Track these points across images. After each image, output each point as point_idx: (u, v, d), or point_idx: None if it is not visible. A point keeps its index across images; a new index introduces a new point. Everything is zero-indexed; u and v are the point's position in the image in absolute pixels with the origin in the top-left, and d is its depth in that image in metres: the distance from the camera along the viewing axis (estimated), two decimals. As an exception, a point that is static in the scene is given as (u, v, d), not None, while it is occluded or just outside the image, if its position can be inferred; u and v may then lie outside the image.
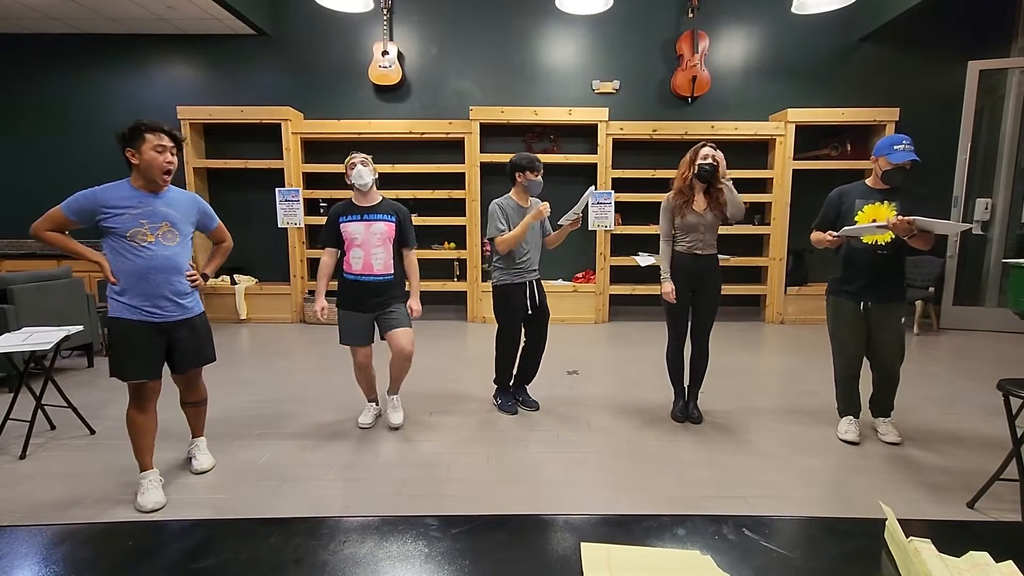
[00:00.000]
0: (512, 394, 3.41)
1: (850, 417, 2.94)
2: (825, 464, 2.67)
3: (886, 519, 0.76)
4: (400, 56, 6.09)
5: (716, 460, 2.69)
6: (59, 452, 2.77)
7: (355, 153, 2.93)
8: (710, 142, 2.97)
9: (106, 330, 4.69)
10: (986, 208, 5.69)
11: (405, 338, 2.94)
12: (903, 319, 2.81)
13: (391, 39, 6.04)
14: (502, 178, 3.39)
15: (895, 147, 2.64)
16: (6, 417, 2.86)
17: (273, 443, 2.86)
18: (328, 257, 2.99)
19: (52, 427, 3.04)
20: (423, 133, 5.93)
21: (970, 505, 2.26)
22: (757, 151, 6.13)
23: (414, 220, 3.13)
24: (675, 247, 3.06)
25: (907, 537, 0.71)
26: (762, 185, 6.07)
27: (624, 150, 6.04)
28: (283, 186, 5.94)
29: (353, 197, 2.97)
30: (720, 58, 6.10)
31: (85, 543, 0.78)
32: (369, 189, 2.92)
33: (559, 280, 6.16)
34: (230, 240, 2.64)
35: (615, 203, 5.89)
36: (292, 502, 2.30)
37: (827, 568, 0.74)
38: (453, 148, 6.01)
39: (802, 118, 5.77)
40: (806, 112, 5.78)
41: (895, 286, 2.79)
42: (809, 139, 5.95)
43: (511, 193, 3.19)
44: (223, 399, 3.38)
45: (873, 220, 2.66)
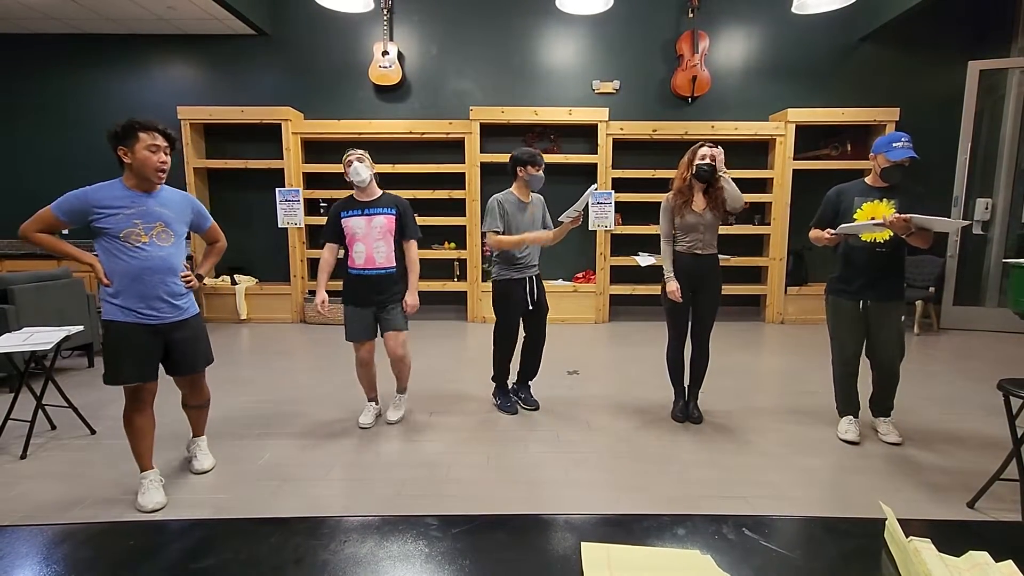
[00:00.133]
0: (514, 392, 3.41)
1: (850, 417, 2.94)
2: (825, 464, 2.67)
3: (886, 519, 0.76)
4: (400, 56, 6.09)
5: (716, 460, 2.69)
6: (59, 452, 2.78)
7: (351, 150, 2.94)
8: (708, 140, 2.98)
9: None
10: (986, 208, 5.69)
11: (394, 341, 3.00)
12: (903, 318, 2.81)
13: (391, 39, 6.04)
14: (502, 178, 3.39)
15: (894, 144, 2.64)
16: (7, 417, 2.86)
17: (273, 443, 2.86)
18: (328, 252, 3.02)
19: (53, 427, 3.04)
20: (423, 133, 5.93)
21: (970, 505, 2.26)
22: (757, 151, 6.13)
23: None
24: (675, 247, 3.06)
25: (907, 537, 0.71)
26: (762, 185, 6.07)
27: (624, 150, 6.04)
28: (283, 186, 5.94)
29: (354, 193, 2.98)
30: (720, 58, 6.10)
31: (85, 543, 0.78)
32: (368, 185, 2.92)
33: (559, 280, 6.16)
34: (224, 240, 2.60)
35: (615, 203, 5.89)
36: (292, 502, 2.31)
37: (827, 568, 0.74)
38: (453, 148, 6.01)
39: (802, 118, 5.77)
40: (806, 112, 5.78)
41: (894, 285, 2.79)
42: (809, 139, 5.95)
43: (512, 188, 3.18)
44: (223, 399, 3.37)
45: (871, 218, 2.66)
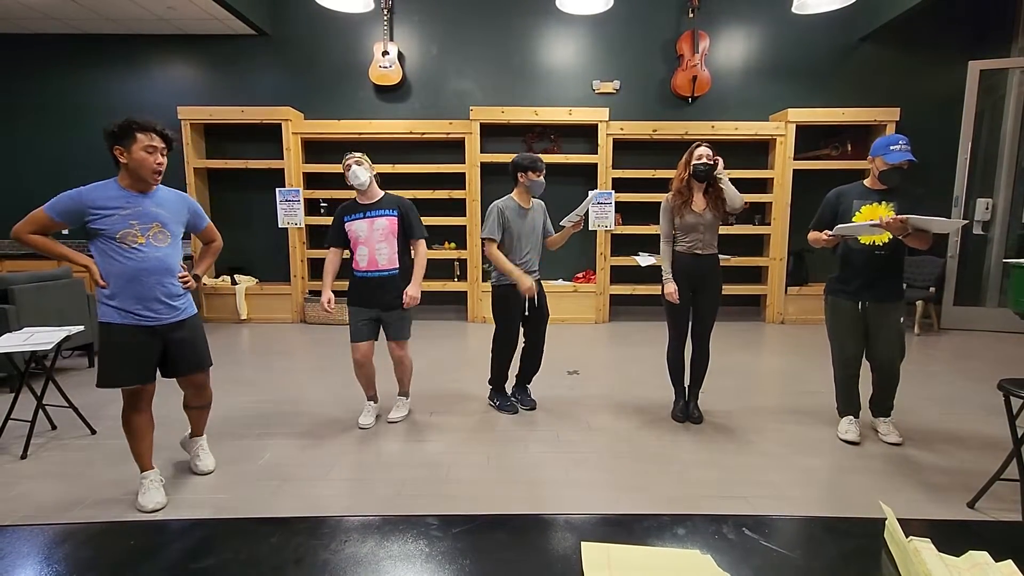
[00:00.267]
0: (511, 394, 3.41)
1: (850, 417, 2.94)
2: (825, 464, 2.67)
3: (886, 519, 0.76)
4: (400, 56, 6.09)
5: (716, 460, 2.69)
6: (60, 452, 2.78)
7: (349, 154, 2.94)
8: (705, 140, 2.98)
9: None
10: (987, 208, 5.69)
11: (397, 349, 3.07)
12: (902, 319, 2.80)
13: (391, 39, 6.04)
14: (502, 178, 3.39)
15: (891, 147, 2.64)
16: (7, 417, 2.86)
17: (273, 443, 2.86)
18: (333, 255, 3.04)
19: (53, 427, 3.04)
20: (423, 133, 5.93)
21: (970, 505, 2.26)
22: (757, 151, 6.13)
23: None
24: (675, 247, 3.06)
25: (907, 537, 0.71)
26: (762, 185, 6.07)
27: (624, 150, 6.04)
28: (283, 186, 5.94)
29: (356, 196, 2.99)
30: (720, 58, 6.10)
31: (86, 543, 0.78)
32: (368, 187, 2.93)
33: (559, 280, 6.16)
34: (220, 240, 2.57)
35: (615, 203, 5.89)
36: (292, 502, 2.31)
37: (827, 568, 0.74)
38: (453, 148, 6.01)
39: (802, 118, 5.77)
40: (806, 112, 5.78)
41: (893, 286, 2.79)
42: (809, 139, 5.95)
43: (513, 193, 3.18)
44: (223, 399, 3.37)
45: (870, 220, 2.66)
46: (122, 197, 2.10)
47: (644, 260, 5.82)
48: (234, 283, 6.02)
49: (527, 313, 3.21)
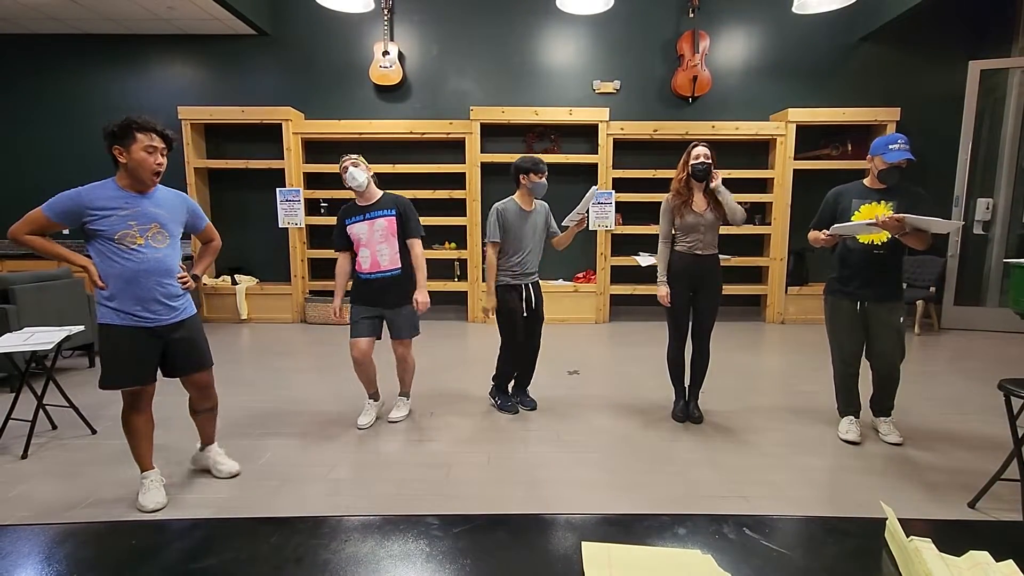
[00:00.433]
0: (510, 396, 3.40)
1: (850, 417, 2.94)
2: (825, 464, 2.67)
3: (887, 518, 0.76)
4: (401, 56, 6.09)
5: (716, 460, 2.69)
6: (60, 452, 2.78)
7: (345, 156, 2.94)
8: (703, 142, 2.98)
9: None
10: (987, 208, 5.68)
11: (400, 348, 3.09)
12: (902, 318, 2.80)
13: (392, 39, 6.04)
14: (502, 178, 3.39)
15: (890, 146, 2.63)
16: (8, 417, 2.86)
17: (274, 443, 2.87)
18: (341, 260, 3.07)
19: (53, 427, 3.04)
20: (424, 133, 5.93)
21: (971, 505, 2.26)
22: (758, 151, 6.13)
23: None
24: (676, 247, 3.06)
25: (908, 536, 0.71)
26: (763, 185, 6.07)
27: (625, 150, 6.04)
28: (284, 186, 5.94)
29: (355, 198, 2.99)
30: (721, 58, 6.10)
31: (87, 543, 0.78)
32: (366, 188, 2.92)
33: (559, 280, 6.16)
34: (219, 239, 2.55)
35: (616, 203, 5.89)
36: (293, 501, 2.31)
37: (828, 567, 0.74)
38: (454, 148, 6.01)
39: (803, 118, 5.77)
40: (807, 112, 5.78)
41: (892, 285, 2.78)
42: (810, 139, 5.94)
43: (515, 195, 3.18)
44: (224, 399, 3.32)
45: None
46: (120, 197, 2.08)
47: (644, 260, 5.80)
48: (234, 283, 6.02)
49: (524, 315, 3.21)
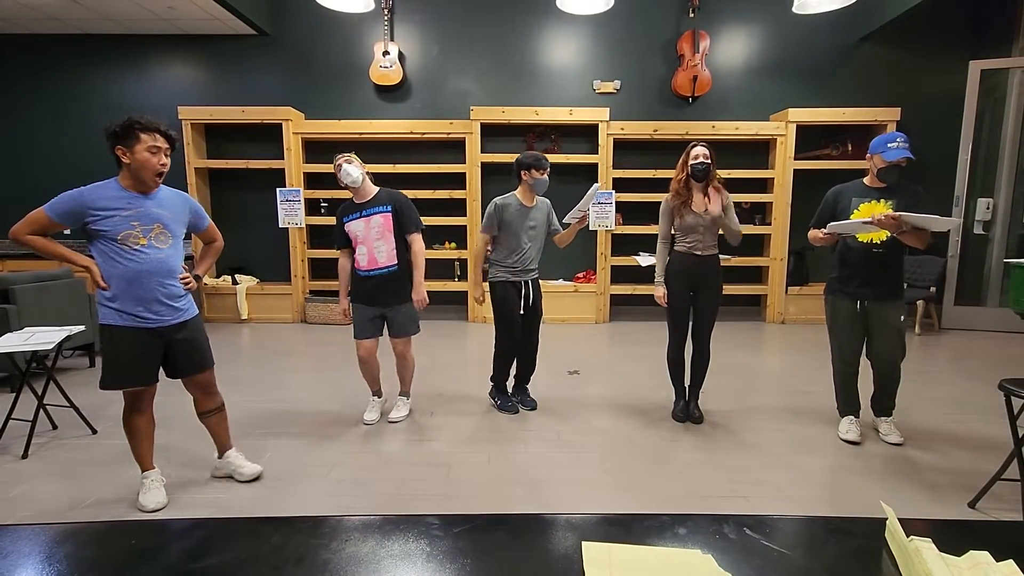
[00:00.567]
0: (511, 395, 3.40)
1: (851, 417, 2.94)
2: (826, 464, 2.67)
3: (887, 518, 0.76)
4: (401, 56, 6.09)
5: (717, 460, 2.69)
6: (61, 452, 2.78)
7: (338, 155, 2.94)
8: (702, 142, 2.98)
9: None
10: (988, 208, 5.68)
11: (401, 345, 3.08)
12: (903, 318, 2.80)
13: (392, 39, 6.04)
14: (503, 178, 3.39)
15: (889, 145, 2.63)
16: (8, 417, 2.86)
17: (274, 442, 2.87)
18: (343, 259, 3.07)
19: (54, 427, 3.04)
20: (424, 133, 5.93)
21: (971, 505, 2.26)
22: (758, 151, 6.13)
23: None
24: (675, 247, 3.07)
25: (908, 536, 0.71)
26: (763, 185, 6.07)
27: (625, 150, 6.04)
28: (284, 186, 5.94)
29: (352, 196, 2.99)
30: (721, 58, 6.10)
31: (87, 542, 0.78)
32: (361, 184, 2.92)
33: (559, 280, 6.16)
34: (221, 239, 2.54)
35: (616, 203, 5.89)
36: (293, 501, 2.31)
37: (828, 567, 0.74)
38: (454, 148, 6.01)
39: (803, 118, 5.77)
40: (807, 112, 5.78)
41: (892, 284, 2.78)
42: (810, 139, 5.94)
43: (517, 191, 3.18)
44: (224, 399, 3.37)
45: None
46: (123, 198, 2.07)
47: (644, 260, 5.79)
48: (235, 283, 6.02)
49: (522, 312, 3.21)
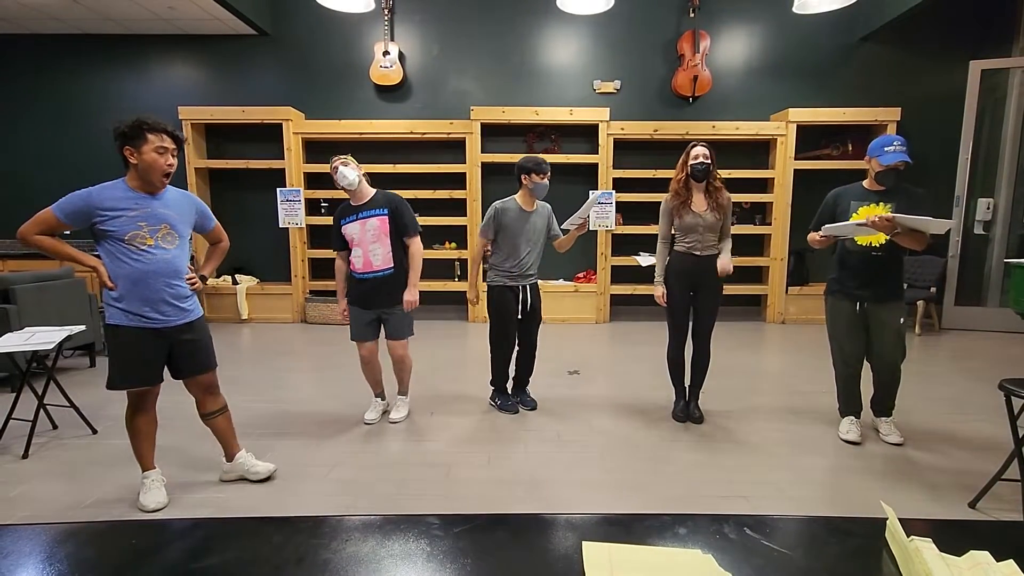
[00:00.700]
0: (511, 395, 3.40)
1: (851, 417, 2.94)
2: (826, 464, 2.67)
3: (887, 518, 0.76)
4: (401, 56, 6.09)
5: (717, 460, 2.68)
6: (61, 451, 2.78)
7: (334, 156, 2.93)
8: (702, 142, 2.97)
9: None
10: (988, 208, 5.68)
11: (398, 347, 3.06)
12: (902, 319, 2.79)
13: (392, 39, 6.04)
14: (503, 178, 3.40)
15: (886, 148, 2.63)
16: (8, 417, 2.86)
17: (274, 442, 2.86)
18: (339, 261, 3.08)
19: (54, 427, 3.05)
20: (424, 133, 5.93)
21: (971, 505, 2.26)
22: (758, 151, 6.13)
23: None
24: (675, 247, 3.07)
25: (908, 536, 0.71)
26: (763, 185, 6.07)
27: (625, 150, 6.04)
28: (284, 186, 5.94)
29: (349, 198, 2.98)
30: (721, 58, 6.10)
31: (88, 542, 0.78)
32: (358, 187, 2.91)
33: (560, 280, 6.16)
34: (227, 240, 2.57)
35: (616, 203, 5.89)
36: (294, 501, 2.31)
37: (828, 567, 0.74)
38: (454, 148, 6.01)
39: (803, 118, 5.77)
40: (807, 112, 5.78)
41: (892, 286, 2.78)
42: (810, 139, 5.94)
43: (517, 195, 3.18)
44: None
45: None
46: (131, 198, 2.08)
47: (645, 260, 5.78)
48: (235, 283, 6.02)
49: (520, 316, 3.21)
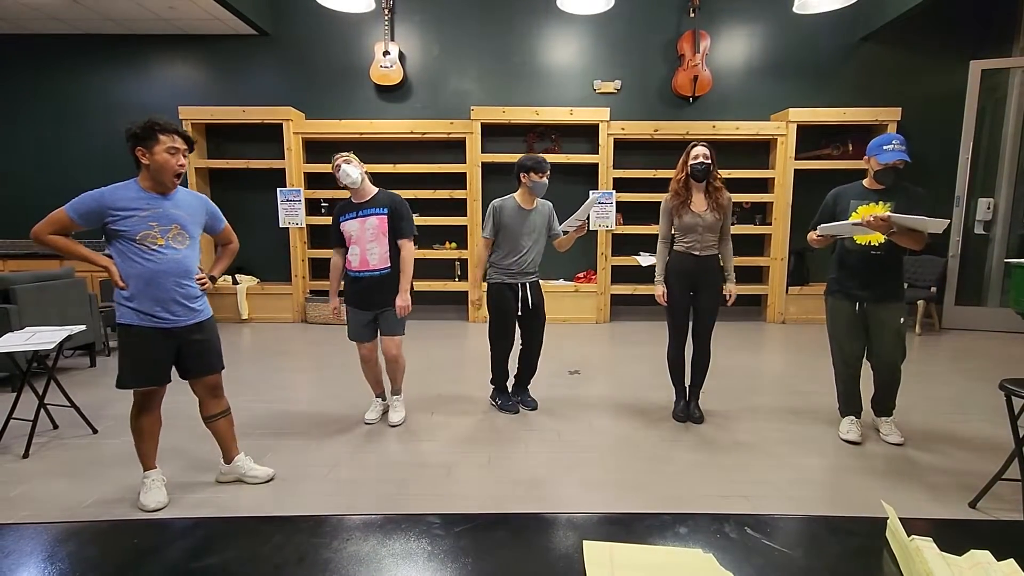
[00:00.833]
0: (511, 395, 3.40)
1: (851, 417, 2.94)
2: (827, 464, 2.67)
3: (888, 518, 0.76)
4: (401, 56, 6.09)
5: (717, 460, 2.68)
6: (62, 451, 2.78)
7: (337, 154, 2.92)
8: (702, 141, 2.97)
9: (108, 330, 4.71)
10: (988, 208, 5.68)
11: (390, 345, 3.02)
12: (902, 319, 2.79)
13: (392, 39, 6.04)
14: (503, 178, 3.39)
15: (884, 147, 2.63)
16: (9, 416, 2.86)
17: (275, 442, 2.87)
18: (336, 256, 3.06)
19: (55, 426, 3.05)
20: (424, 133, 5.93)
21: (972, 505, 2.26)
22: (758, 151, 6.13)
23: (415, 220, 3.10)
24: (675, 247, 3.07)
25: (908, 536, 0.71)
26: (763, 185, 6.07)
27: (625, 150, 6.04)
28: (284, 186, 5.94)
29: (350, 195, 2.98)
30: (721, 58, 6.10)
31: (89, 542, 0.78)
32: (360, 185, 2.90)
33: (560, 280, 6.16)
34: (236, 241, 2.56)
35: (616, 203, 5.89)
36: (294, 501, 2.31)
37: (829, 566, 0.74)
38: (454, 148, 6.01)
39: (803, 118, 5.77)
40: (807, 112, 5.78)
41: (891, 286, 2.77)
42: (810, 139, 5.94)
43: (516, 194, 3.17)
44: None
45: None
46: (142, 199, 2.10)
47: (645, 260, 5.79)
48: (235, 283, 6.02)
49: (519, 313, 3.21)
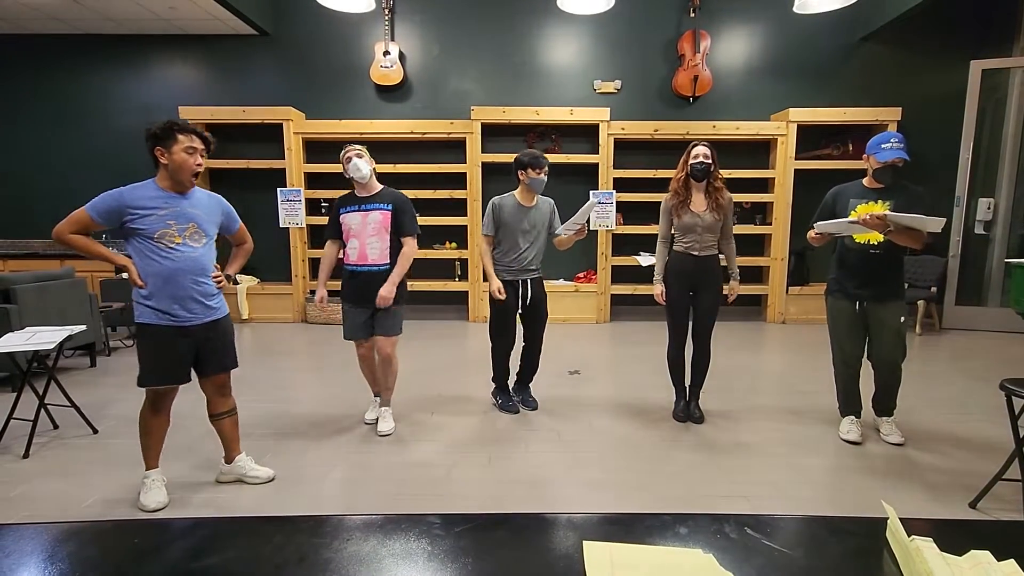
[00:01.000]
0: (512, 393, 3.40)
1: (851, 417, 2.94)
2: (827, 464, 2.67)
3: (888, 518, 0.76)
4: (401, 56, 6.10)
5: (717, 460, 2.69)
6: (62, 451, 2.78)
7: (349, 146, 2.91)
8: (703, 141, 2.97)
9: (109, 330, 4.72)
10: (988, 208, 5.68)
11: (385, 344, 2.95)
12: (903, 318, 2.79)
13: (392, 39, 6.04)
14: (503, 178, 3.39)
15: (883, 146, 2.63)
16: (9, 417, 2.86)
17: (275, 442, 2.87)
18: (329, 248, 3.04)
19: (55, 426, 3.05)
20: (424, 133, 5.93)
21: (972, 505, 2.26)
22: (759, 151, 6.13)
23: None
24: (674, 247, 3.07)
25: (909, 536, 0.71)
26: (763, 185, 6.07)
27: (625, 150, 6.04)
28: (285, 186, 5.95)
29: (355, 189, 2.96)
30: (722, 57, 6.10)
31: (89, 542, 0.78)
32: (368, 180, 2.90)
33: (560, 280, 6.16)
34: (251, 242, 2.61)
35: (616, 203, 5.89)
36: (294, 501, 2.31)
37: (829, 567, 0.74)
38: (455, 148, 6.01)
39: (804, 118, 5.77)
40: (808, 112, 5.77)
41: (891, 285, 2.77)
42: (811, 139, 5.94)
43: (516, 191, 3.17)
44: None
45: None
46: (160, 198, 2.14)
47: (645, 260, 5.80)
48: (235, 283, 6.02)
49: (520, 311, 3.20)
